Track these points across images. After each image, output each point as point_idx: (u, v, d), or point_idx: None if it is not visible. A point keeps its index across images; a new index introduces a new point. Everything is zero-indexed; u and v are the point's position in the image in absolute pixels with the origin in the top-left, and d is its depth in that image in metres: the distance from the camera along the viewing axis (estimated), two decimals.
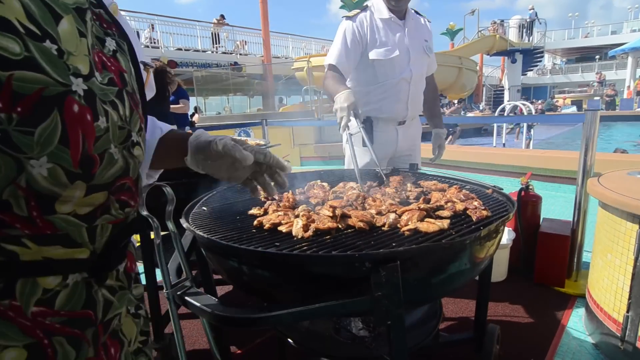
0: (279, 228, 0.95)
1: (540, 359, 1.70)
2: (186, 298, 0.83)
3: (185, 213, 1.17)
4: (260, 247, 0.83)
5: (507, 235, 2.34)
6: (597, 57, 28.29)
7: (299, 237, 0.90)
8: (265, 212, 1.12)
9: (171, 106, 4.42)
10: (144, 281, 2.06)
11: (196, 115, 10.36)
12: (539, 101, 19.74)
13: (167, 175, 1.56)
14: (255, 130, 7.75)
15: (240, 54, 17.07)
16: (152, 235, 0.83)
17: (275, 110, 13.20)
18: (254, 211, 1.14)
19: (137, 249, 2.12)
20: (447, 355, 1.70)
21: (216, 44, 16.48)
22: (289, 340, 1.22)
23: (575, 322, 1.96)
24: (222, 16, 16.89)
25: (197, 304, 0.80)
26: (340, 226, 0.93)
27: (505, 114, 8.94)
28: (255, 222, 1.01)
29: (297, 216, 1.02)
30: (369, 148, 1.60)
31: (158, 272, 1.81)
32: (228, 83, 14.16)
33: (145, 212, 0.76)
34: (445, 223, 0.90)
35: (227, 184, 1.55)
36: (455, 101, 12.36)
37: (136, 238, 3.34)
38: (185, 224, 1.03)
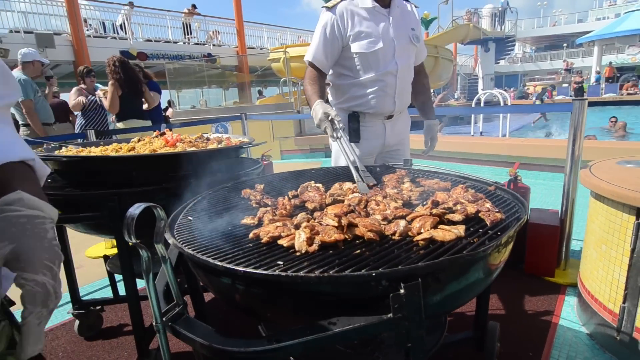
0: (279, 242, 0.85)
1: (538, 352, 1.69)
2: (178, 328, 0.73)
3: (169, 225, 1.05)
4: (262, 268, 0.73)
5: None
6: (565, 45, 29.20)
7: (303, 251, 0.81)
8: (260, 222, 1.02)
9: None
10: (123, 291, 1.93)
11: (170, 110, 9.97)
12: (511, 89, 20.24)
13: (142, 179, 1.43)
14: (234, 125, 7.53)
15: (214, 45, 16.55)
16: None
17: (253, 102, 12.92)
18: (246, 221, 1.04)
19: (113, 259, 1.97)
20: (447, 355, 1.66)
21: (188, 34, 15.89)
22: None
23: (568, 312, 1.97)
24: (194, 6, 16.28)
25: (192, 336, 0.70)
26: (347, 237, 0.84)
27: (482, 104, 9.05)
28: (251, 235, 0.91)
29: (297, 226, 0.93)
30: (349, 154, 1.49)
31: (139, 281, 1.69)
32: (202, 75, 13.70)
33: (134, 240, 0.65)
34: (461, 230, 0.83)
35: (211, 188, 1.44)
36: (441, 89, 12.43)
37: (112, 243, 3.16)
38: (171, 240, 0.91)
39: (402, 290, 0.67)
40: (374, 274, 0.67)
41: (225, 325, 1.95)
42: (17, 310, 0.60)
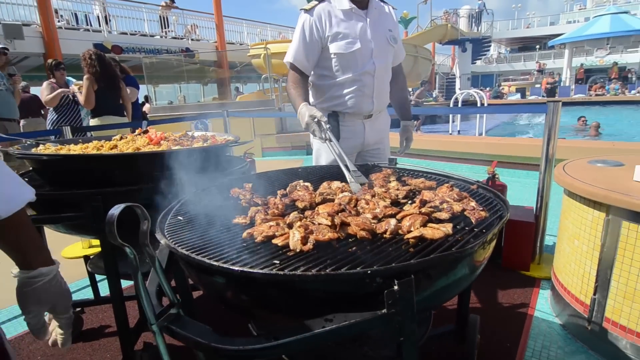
0: (274, 241, 0.87)
1: (515, 342, 1.77)
2: (175, 329, 0.73)
3: (159, 225, 1.04)
4: (259, 268, 0.74)
5: None
6: (538, 46, 30.19)
7: (297, 250, 0.82)
8: (252, 221, 1.03)
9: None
10: (104, 292, 1.89)
11: (147, 105, 9.73)
12: (487, 89, 20.79)
13: (127, 178, 1.40)
14: (214, 122, 7.43)
15: (192, 40, 16.21)
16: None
17: (232, 99, 12.74)
18: (238, 220, 1.04)
19: (94, 259, 1.92)
20: (430, 347, 1.72)
21: (165, 28, 15.49)
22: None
23: (542, 304, 2.07)
24: None
25: (190, 336, 0.70)
26: (340, 236, 0.86)
27: (460, 103, 9.27)
28: (244, 235, 0.91)
29: (290, 226, 0.95)
30: (340, 155, 1.51)
31: (123, 282, 1.66)
32: (180, 70, 13.42)
33: (119, 241, 0.65)
34: (449, 228, 0.87)
35: (198, 187, 1.43)
36: (419, 85, 12.61)
37: (95, 243, 3.07)
38: (163, 240, 0.91)
39: (395, 287, 0.69)
40: (369, 272, 0.69)
41: (214, 323, 1.94)
42: None
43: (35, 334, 0.80)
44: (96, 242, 3.07)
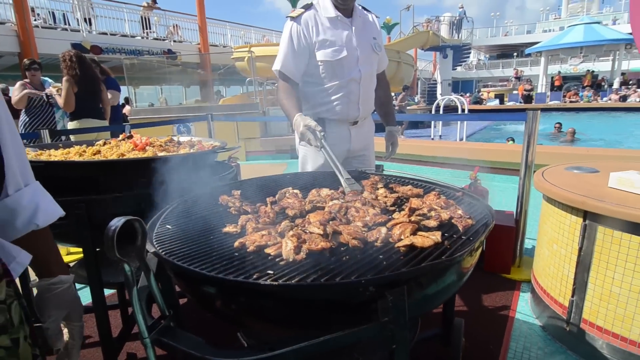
0: (266, 250, 0.87)
1: (498, 344, 1.81)
2: (167, 341, 0.73)
3: (147, 234, 1.03)
4: (253, 278, 0.74)
5: None
6: (515, 54, 31.12)
7: (290, 260, 0.83)
8: (243, 230, 1.03)
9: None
10: (87, 299, 1.84)
11: (127, 107, 9.52)
12: (467, 94, 21.29)
13: (112, 185, 1.38)
14: (197, 125, 7.33)
15: (175, 41, 15.98)
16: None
17: (215, 101, 12.62)
18: (229, 229, 1.04)
19: (75, 268, 1.88)
20: (417, 351, 1.74)
21: (147, 29, 15.22)
22: None
23: (523, 306, 2.13)
24: (154, 0, 15.62)
25: (183, 348, 0.70)
26: (332, 245, 0.87)
27: (442, 109, 9.47)
28: (236, 244, 0.91)
29: (281, 234, 0.95)
30: (334, 163, 1.54)
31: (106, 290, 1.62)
32: (162, 72, 13.21)
33: (118, 256, 0.64)
34: (438, 236, 0.89)
35: (185, 194, 1.42)
36: (402, 89, 12.80)
37: (73, 250, 2.98)
38: (152, 250, 0.90)
39: (388, 296, 0.71)
40: (363, 281, 0.70)
41: (201, 331, 1.91)
42: None
43: (52, 340, 0.82)
44: (75, 249, 2.98)
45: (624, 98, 16.18)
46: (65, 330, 0.87)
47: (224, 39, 18.86)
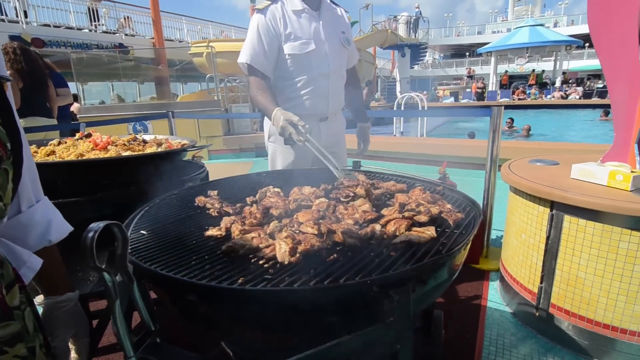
0: (259, 254, 0.82)
1: (474, 332, 1.87)
2: (153, 359, 0.66)
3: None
4: (250, 284, 0.69)
5: None
6: (467, 54, 32.62)
7: (285, 262, 0.78)
8: (228, 232, 0.97)
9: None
10: None
11: (75, 105, 8.85)
12: (424, 92, 22.04)
13: (72, 188, 1.25)
14: (155, 123, 6.97)
15: (127, 35, 15.12)
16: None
17: (172, 99, 12.09)
18: (212, 232, 0.97)
19: None
20: None
21: (95, 21, 14.26)
22: None
23: (493, 295, 2.21)
24: None
25: None
26: (328, 245, 0.84)
27: (402, 106, 9.70)
28: (224, 248, 0.85)
29: (271, 236, 0.90)
30: (324, 155, 1.50)
31: None
32: (113, 67, 12.43)
33: (97, 265, 0.57)
34: (432, 231, 0.88)
35: (155, 197, 1.32)
36: (364, 85, 13.00)
37: None
38: (130, 258, 0.81)
39: (394, 295, 0.68)
40: (368, 282, 0.67)
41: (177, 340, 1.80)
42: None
43: (61, 359, 0.79)
44: None
45: (565, 96, 17.49)
46: (71, 347, 0.85)
47: (180, 34, 18.14)
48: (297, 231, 0.90)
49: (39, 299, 0.80)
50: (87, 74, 10.54)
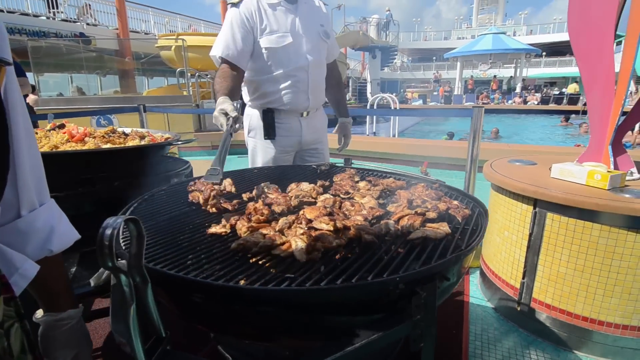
0: (274, 252, 0.77)
1: (459, 329, 1.90)
2: None
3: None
4: (272, 284, 0.65)
5: None
6: (434, 58, 33.65)
7: (303, 260, 0.75)
8: (233, 230, 0.91)
9: None
10: None
11: (31, 96, 8.25)
12: (394, 94, 22.51)
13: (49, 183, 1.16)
14: (121, 118, 6.63)
15: (88, 24, 14.31)
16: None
17: (138, 92, 11.57)
18: (216, 229, 0.91)
19: None
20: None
21: (53, 8, 13.39)
22: None
23: (474, 291, 2.27)
24: None
25: None
26: (344, 241, 0.81)
27: (375, 106, 9.85)
28: (234, 246, 0.80)
29: (281, 232, 0.86)
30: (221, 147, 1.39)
31: None
32: (72, 58, 11.71)
33: (115, 266, 0.51)
34: (446, 227, 0.88)
35: (142, 192, 1.23)
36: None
37: None
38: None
39: (421, 292, 0.67)
40: (397, 278, 0.65)
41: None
42: None
43: None
44: None
45: (524, 101, 18.45)
46: None
47: (146, 26, 17.42)
48: (307, 227, 0.86)
49: (38, 314, 0.72)
50: (46, 64, 9.86)
